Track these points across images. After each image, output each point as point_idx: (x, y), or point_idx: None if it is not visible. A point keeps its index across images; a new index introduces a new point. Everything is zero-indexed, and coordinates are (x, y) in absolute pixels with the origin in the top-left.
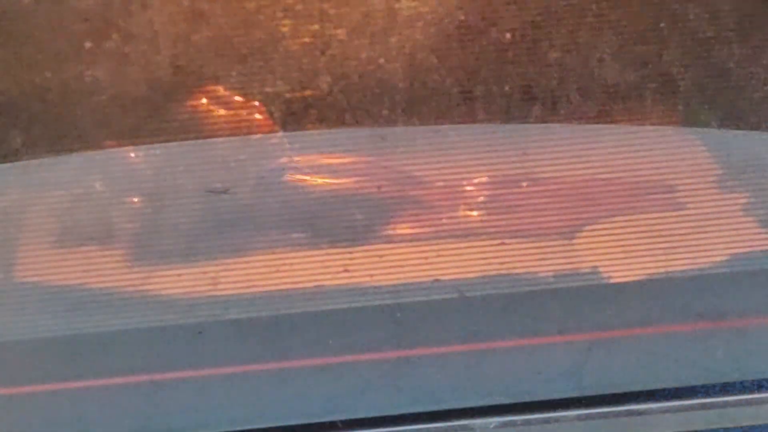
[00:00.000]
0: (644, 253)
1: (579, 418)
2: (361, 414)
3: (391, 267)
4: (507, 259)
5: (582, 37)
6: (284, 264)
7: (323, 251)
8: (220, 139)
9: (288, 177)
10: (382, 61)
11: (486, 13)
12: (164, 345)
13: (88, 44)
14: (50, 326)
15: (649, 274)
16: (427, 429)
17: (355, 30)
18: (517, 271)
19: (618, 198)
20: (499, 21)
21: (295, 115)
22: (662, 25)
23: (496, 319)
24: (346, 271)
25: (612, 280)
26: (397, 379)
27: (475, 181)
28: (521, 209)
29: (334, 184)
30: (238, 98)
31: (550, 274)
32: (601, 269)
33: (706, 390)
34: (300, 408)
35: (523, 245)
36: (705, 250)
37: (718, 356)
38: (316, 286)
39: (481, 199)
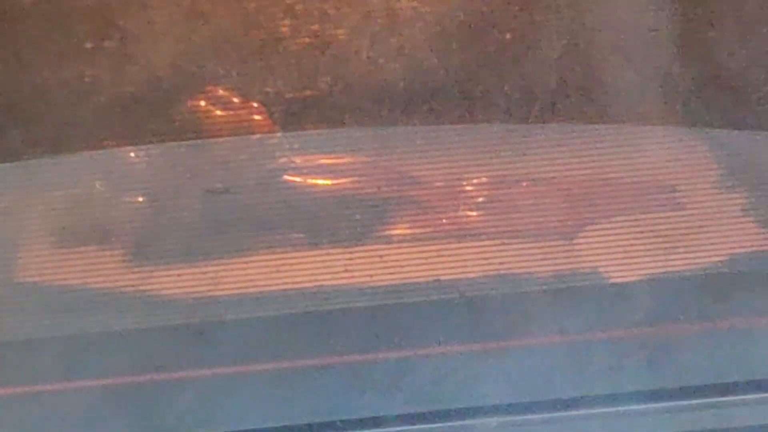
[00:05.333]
0: (644, 253)
1: (579, 418)
2: (361, 414)
3: (391, 267)
4: (507, 259)
5: (582, 37)
6: (284, 264)
7: (323, 251)
8: (220, 139)
9: (288, 177)
10: (382, 61)
11: (486, 13)
12: (164, 345)
13: (88, 44)
14: (50, 326)
15: (649, 274)
16: (427, 429)
17: (355, 30)
18: (517, 271)
19: (618, 198)
20: (499, 21)
21: (295, 115)
22: (663, 25)
23: (496, 319)
24: (346, 271)
25: (612, 280)
26: (397, 379)
27: (475, 181)
28: (521, 209)
29: (334, 184)
30: (238, 98)
31: (550, 274)
32: (601, 269)
33: (706, 390)
34: (300, 408)
35: (523, 245)
36: (705, 250)
37: (718, 356)
38: (316, 286)
39: (481, 199)
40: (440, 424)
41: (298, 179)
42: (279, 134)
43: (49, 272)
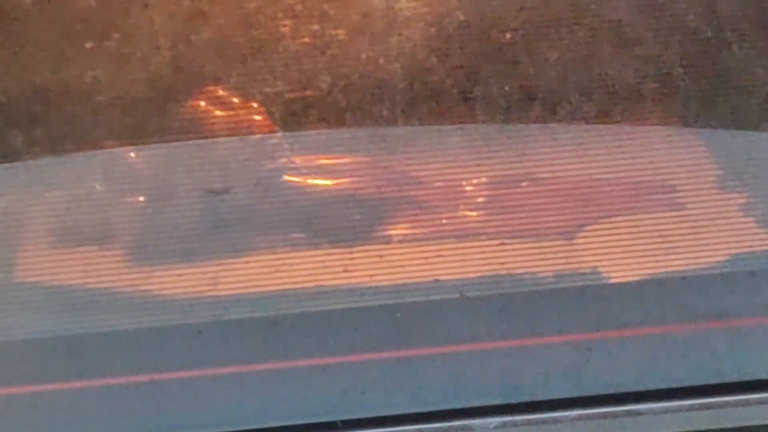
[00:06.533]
0: (644, 253)
1: (579, 418)
2: (361, 414)
3: (391, 267)
4: (507, 259)
5: (582, 37)
6: (284, 264)
7: (323, 251)
8: (220, 139)
9: (288, 177)
10: (382, 61)
11: (486, 13)
12: (164, 345)
13: (88, 44)
14: (50, 326)
15: (649, 274)
16: (427, 429)
17: (355, 30)
18: (517, 271)
19: (618, 198)
20: (499, 21)
21: (295, 115)
22: (662, 25)
23: (496, 319)
24: (346, 271)
25: (612, 280)
26: (397, 379)
27: (475, 181)
28: (521, 209)
29: (334, 184)
30: (238, 98)
31: (550, 274)
32: (601, 269)
33: (706, 390)
34: (300, 408)
35: (523, 245)
36: (705, 250)
37: (718, 356)
38: (316, 286)
39: (481, 199)
40: (440, 424)
41: (298, 179)
42: (279, 134)
43: (49, 272)
